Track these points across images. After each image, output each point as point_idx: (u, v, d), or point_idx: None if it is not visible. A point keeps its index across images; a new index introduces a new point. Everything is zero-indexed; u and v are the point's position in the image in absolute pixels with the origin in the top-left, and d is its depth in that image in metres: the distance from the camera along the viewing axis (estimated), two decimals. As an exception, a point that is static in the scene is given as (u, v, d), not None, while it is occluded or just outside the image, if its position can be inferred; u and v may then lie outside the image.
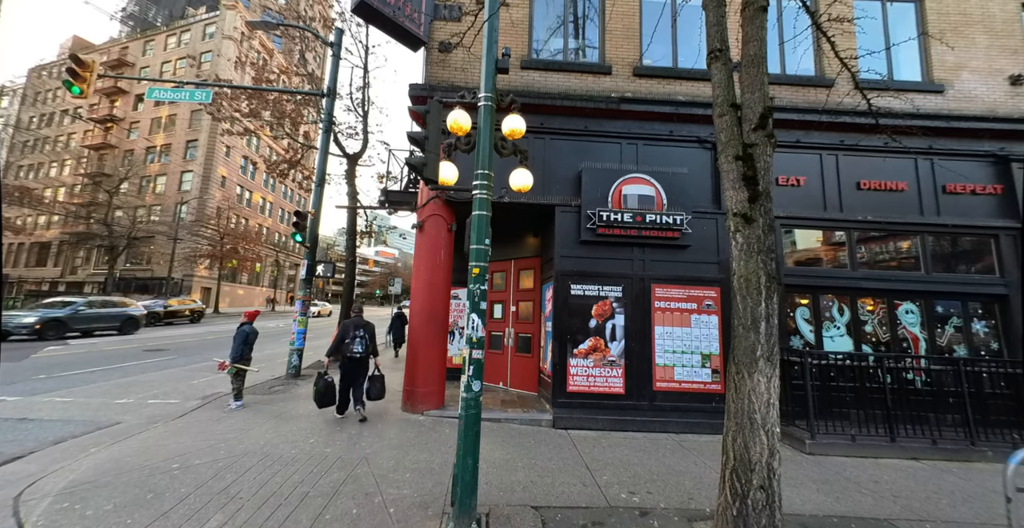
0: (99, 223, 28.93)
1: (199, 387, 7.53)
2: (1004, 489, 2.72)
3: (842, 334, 6.27)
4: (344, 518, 3.10)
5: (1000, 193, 6.53)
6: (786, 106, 6.46)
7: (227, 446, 4.46)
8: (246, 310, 6.60)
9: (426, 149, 3.42)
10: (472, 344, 3.15)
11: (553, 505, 3.44)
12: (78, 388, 7.16)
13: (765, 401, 2.80)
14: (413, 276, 6.51)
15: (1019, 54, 6.98)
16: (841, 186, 6.55)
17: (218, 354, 11.05)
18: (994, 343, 6.24)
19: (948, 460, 4.90)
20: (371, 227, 15.28)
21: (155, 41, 39.00)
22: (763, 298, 2.89)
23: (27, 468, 3.84)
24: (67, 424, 5.24)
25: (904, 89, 6.59)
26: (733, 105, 3.25)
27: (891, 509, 3.65)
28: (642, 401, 5.78)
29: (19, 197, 31.11)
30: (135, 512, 3.09)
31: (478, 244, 3.29)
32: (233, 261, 32.95)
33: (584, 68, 6.69)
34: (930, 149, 6.49)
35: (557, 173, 6.39)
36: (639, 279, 6.11)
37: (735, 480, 2.77)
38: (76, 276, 35.66)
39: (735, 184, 3.10)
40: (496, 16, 3.62)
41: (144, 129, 36.84)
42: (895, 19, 7.16)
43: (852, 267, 6.40)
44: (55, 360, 9.77)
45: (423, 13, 6.41)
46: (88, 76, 8.67)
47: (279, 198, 45.02)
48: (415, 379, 6.06)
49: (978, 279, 6.34)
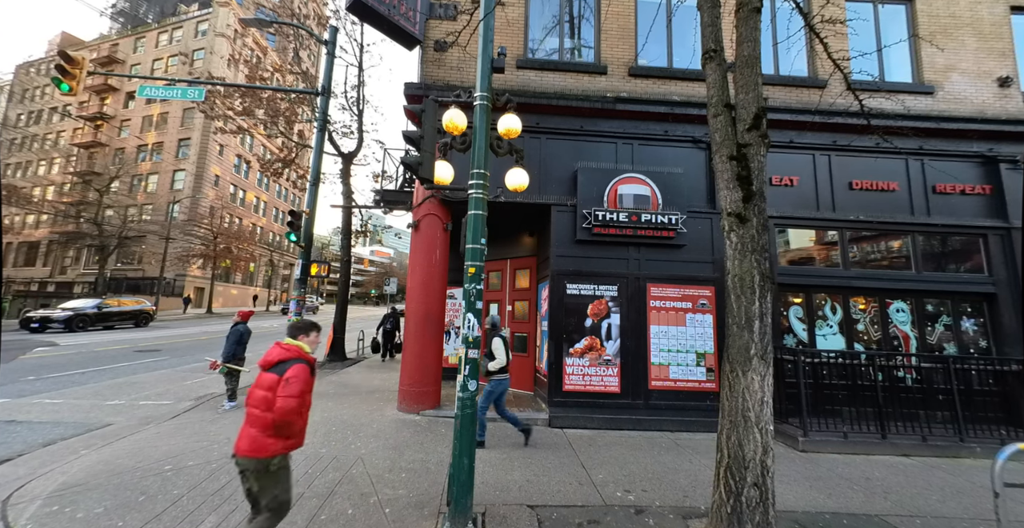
0: (89, 222, 28.51)
1: (192, 388, 7.45)
2: (992, 484, 2.77)
3: (835, 333, 6.34)
4: (340, 518, 3.09)
5: (989, 193, 6.63)
6: (780, 106, 6.51)
7: (221, 447, 4.42)
8: (240, 310, 6.55)
9: (422, 148, 3.41)
10: (468, 344, 3.15)
11: (549, 504, 3.45)
12: (68, 389, 7.07)
13: (759, 399, 2.82)
14: (409, 276, 6.48)
15: (1007, 56, 7.09)
16: (834, 186, 6.62)
17: (211, 354, 10.96)
18: (983, 341, 6.33)
19: (938, 456, 4.97)
20: (366, 226, 15.20)
21: (146, 38, 38.49)
22: (757, 297, 2.92)
23: (16, 471, 3.78)
24: (57, 426, 5.17)
25: (895, 90, 6.66)
26: (727, 105, 3.27)
27: (882, 505, 3.70)
28: (638, 400, 5.80)
29: (7, 195, 30.59)
30: (126, 514, 3.05)
31: (474, 243, 3.28)
32: (227, 261, 32.67)
33: (580, 68, 6.70)
34: (921, 150, 6.58)
35: (553, 173, 6.39)
36: (635, 278, 6.13)
37: (729, 477, 2.80)
38: (66, 276, 35.14)
39: (729, 184, 3.12)
40: (492, 15, 3.62)
41: (135, 127, 36.36)
42: (886, 21, 7.24)
43: (844, 266, 6.47)
44: (45, 361, 9.64)
45: (418, 11, 6.39)
46: (78, 73, 8.53)
47: (273, 197, 44.66)
48: (411, 379, 6.05)
49: (967, 278, 6.43)
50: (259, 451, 2.27)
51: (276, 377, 2.35)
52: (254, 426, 2.31)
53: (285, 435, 2.33)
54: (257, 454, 2.27)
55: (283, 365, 2.39)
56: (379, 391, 7.36)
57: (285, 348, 2.49)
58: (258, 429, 2.30)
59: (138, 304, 19.74)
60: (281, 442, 2.32)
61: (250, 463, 2.28)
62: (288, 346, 2.51)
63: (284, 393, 2.27)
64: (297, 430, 2.39)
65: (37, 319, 15.65)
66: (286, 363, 2.40)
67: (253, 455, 2.27)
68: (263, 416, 2.29)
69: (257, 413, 2.32)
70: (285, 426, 2.29)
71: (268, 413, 2.28)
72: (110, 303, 18.31)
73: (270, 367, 2.42)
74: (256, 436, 2.29)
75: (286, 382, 2.31)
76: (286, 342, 2.55)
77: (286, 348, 2.49)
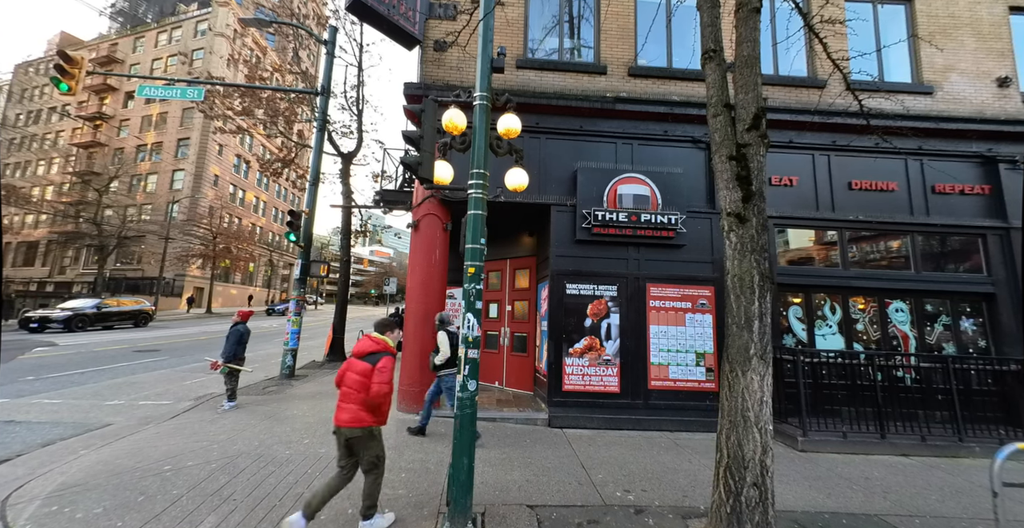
0: (88, 222, 28.47)
1: (191, 388, 7.45)
2: (991, 484, 2.77)
3: (834, 332, 6.35)
4: (339, 518, 3.09)
5: (987, 193, 6.63)
6: (779, 107, 6.51)
7: (220, 447, 4.42)
8: (240, 309, 6.55)
9: (421, 148, 3.41)
10: (468, 343, 3.15)
11: (549, 504, 3.45)
12: (67, 389, 7.06)
13: (758, 399, 2.82)
14: (408, 276, 6.48)
15: (1006, 57, 7.10)
16: (833, 186, 6.62)
17: (210, 354, 10.96)
18: (982, 341, 6.34)
19: (937, 456, 4.98)
20: (366, 226, 15.20)
21: (145, 38, 38.44)
22: (756, 297, 2.92)
23: (14, 471, 3.77)
24: (56, 426, 5.16)
25: (895, 90, 6.67)
26: (727, 105, 3.27)
27: (881, 505, 3.70)
28: (637, 400, 5.81)
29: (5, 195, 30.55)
30: (126, 515, 3.05)
31: (474, 243, 3.28)
32: (226, 261, 32.65)
33: (579, 68, 6.70)
34: (920, 150, 6.58)
35: (553, 173, 6.39)
36: (634, 278, 6.13)
37: (729, 477, 2.80)
38: (65, 276, 35.10)
39: (729, 184, 3.13)
40: (491, 15, 3.62)
41: (134, 127, 36.32)
42: (886, 21, 7.25)
43: (844, 266, 6.47)
44: (44, 361, 9.63)
45: (418, 11, 6.38)
46: (77, 73, 8.53)
47: (273, 197, 44.62)
48: (411, 379, 6.05)
49: (966, 278, 6.44)
50: (358, 423, 2.87)
51: (368, 366, 2.91)
52: (351, 403, 2.89)
53: (378, 412, 2.94)
54: (356, 425, 2.87)
55: (374, 356, 2.95)
56: (379, 391, 7.36)
57: (375, 341, 3.03)
58: (356, 405, 2.88)
59: (137, 304, 19.73)
60: (374, 417, 2.93)
61: (351, 432, 2.88)
62: (377, 340, 3.04)
63: (378, 380, 2.85)
64: (386, 410, 2.98)
65: (36, 319, 15.64)
66: (377, 355, 2.96)
67: (354, 425, 2.87)
68: (358, 395, 2.87)
69: (352, 393, 2.89)
70: (378, 406, 2.91)
71: (362, 393, 2.86)
72: (109, 303, 18.32)
73: (362, 356, 2.97)
74: (355, 411, 2.87)
75: (379, 371, 2.88)
76: (375, 336, 3.07)
77: (376, 341, 3.03)
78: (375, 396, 2.83)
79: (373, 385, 2.83)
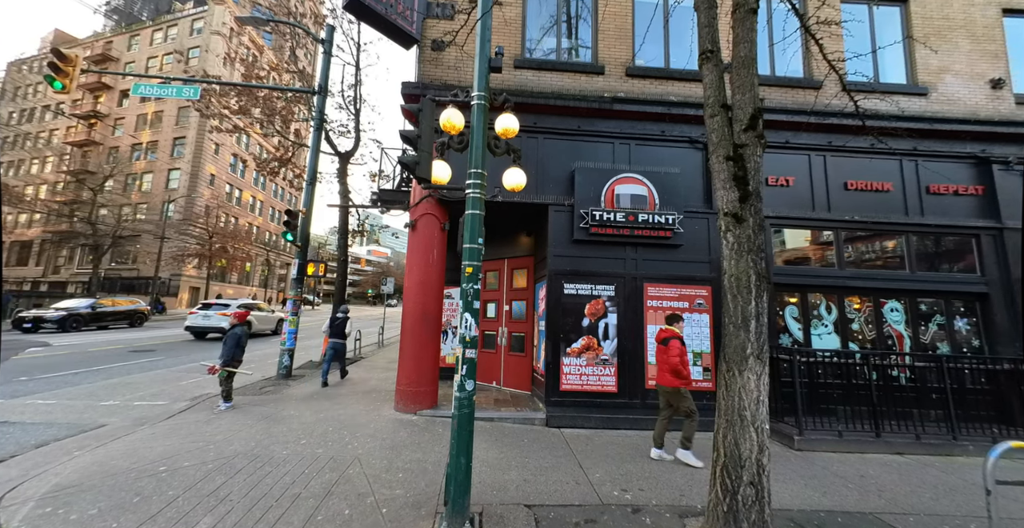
0: (83, 221, 28.28)
1: (187, 388, 7.41)
2: (984, 482, 2.79)
3: (830, 332, 6.39)
4: (336, 519, 3.08)
5: (981, 194, 6.69)
6: (776, 107, 6.54)
7: (216, 448, 4.40)
8: (236, 311, 6.50)
9: (419, 148, 3.40)
10: (465, 343, 3.15)
11: (546, 503, 3.45)
12: (62, 390, 7.00)
13: (755, 398, 2.84)
14: (406, 275, 6.47)
15: (1000, 58, 7.16)
16: (829, 186, 6.66)
17: (206, 355, 10.90)
18: (975, 340, 6.40)
19: (931, 454, 5.02)
20: (363, 226, 15.15)
21: (140, 36, 38.19)
22: (753, 297, 2.93)
23: (8, 472, 3.74)
24: (50, 427, 5.12)
25: (890, 91, 6.71)
26: (724, 106, 3.28)
27: (876, 503, 3.73)
28: (635, 399, 5.82)
29: (-1, 195, 30.26)
30: (121, 516, 3.03)
31: (471, 243, 3.28)
32: (222, 261, 32.49)
33: (577, 68, 6.71)
34: (914, 150, 6.63)
35: (550, 172, 6.40)
36: (632, 278, 6.15)
37: (725, 476, 2.81)
38: (59, 275, 34.85)
39: (726, 184, 3.14)
40: (489, 15, 3.61)
41: (129, 126, 36.08)
42: (881, 22, 7.29)
43: (839, 266, 6.51)
44: (38, 362, 9.55)
45: (416, 11, 6.37)
46: (71, 71, 8.45)
47: (270, 197, 44.45)
48: (408, 378, 6.04)
49: (960, 278, 6.49)
50: (668, 383, 4.48)
51: (663, 347, 4.53)
52: (663, 371, 4.54)
53: (679, 377, 4.42)
54: (667, 385, 4.49)
55: (667, 340, 4.49)
56: (376, 391, 7.35)
57: (666, 331, 4.63)
58: (665, 372, 4.50)
59: (132, 304, 19.59)
60: (678, 381, 4.44)
61: (666, 390, 4.53)
62: (668, 329, 4.63)
63: (670, 355, 4.41)
64: (685, 375, 4.42)
65: (30, 319, 15.47)
66: (669, 339, 4.48)
67: (666, 385, 4.50)
68: (663, 366, 4.54)
69: (661, 364, 4.57)
70: (677, 372, 4.40)
71: (665, 365, 4.48)
72: (104, 303, 18.14)
73: (660, 340, 4.61)
74: (665, 376, 4.51)
75: (668, 349, 4.44)
76: (666, 327, 4.68)
77: (667, 331, 4.62)
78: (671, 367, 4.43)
79: (670, 359, 4.42)
